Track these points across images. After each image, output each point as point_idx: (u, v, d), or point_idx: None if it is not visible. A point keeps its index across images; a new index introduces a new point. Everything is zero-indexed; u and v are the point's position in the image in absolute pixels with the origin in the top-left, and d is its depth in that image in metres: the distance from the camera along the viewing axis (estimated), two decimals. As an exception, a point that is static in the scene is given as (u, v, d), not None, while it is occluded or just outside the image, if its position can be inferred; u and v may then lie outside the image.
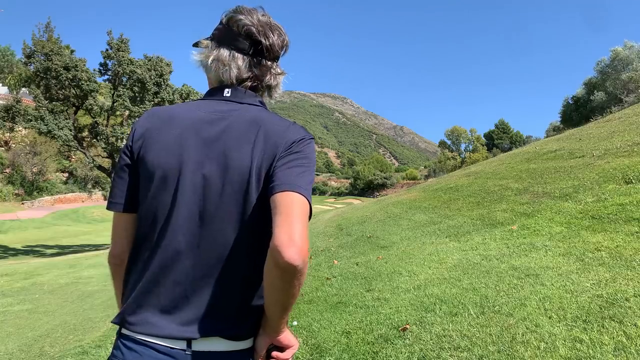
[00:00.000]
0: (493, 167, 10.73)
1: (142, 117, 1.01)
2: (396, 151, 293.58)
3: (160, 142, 0.94)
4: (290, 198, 0.82)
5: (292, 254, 0.76)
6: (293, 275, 0.78)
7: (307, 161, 0.91)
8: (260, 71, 1.00)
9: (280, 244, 0.77)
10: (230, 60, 0.98)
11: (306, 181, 0.87)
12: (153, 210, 0.93)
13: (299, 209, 0.82)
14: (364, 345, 2.70)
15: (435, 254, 4.73)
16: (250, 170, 0.89)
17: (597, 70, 30.06)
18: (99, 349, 3.58)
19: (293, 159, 0.90)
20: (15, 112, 16.09)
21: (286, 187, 0.84)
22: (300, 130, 0.97)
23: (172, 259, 0.90)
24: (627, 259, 3.21)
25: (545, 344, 2.22)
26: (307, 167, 0.91)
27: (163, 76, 17.95)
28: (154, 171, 0.92)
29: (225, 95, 0.98)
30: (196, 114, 0.96)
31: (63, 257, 14.28)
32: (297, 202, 0.82)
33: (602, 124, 11.21)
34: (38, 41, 16.25)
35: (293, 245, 0.77)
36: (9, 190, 34.23)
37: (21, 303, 6.63)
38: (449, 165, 58.10)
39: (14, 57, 45.57)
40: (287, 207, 0.81)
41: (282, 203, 0.82)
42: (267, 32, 0.98)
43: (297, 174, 0.87)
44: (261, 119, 0.95)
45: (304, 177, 0.87)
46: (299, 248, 0.77)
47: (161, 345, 0.88)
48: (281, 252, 0.76)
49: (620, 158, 6.46)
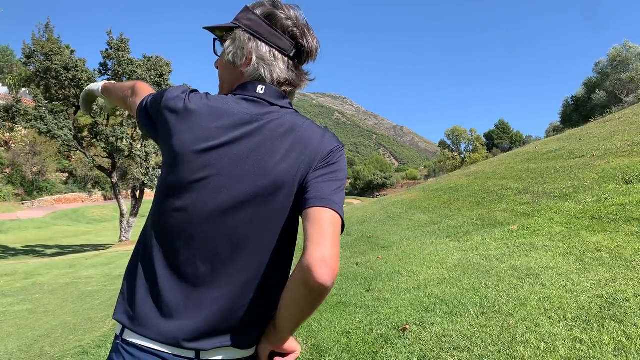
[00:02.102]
0: (493, 167, 10.74)
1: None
2: (396, 151, 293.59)
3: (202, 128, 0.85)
4: (326, 215, 0.79)
5: (324, 275, 0.73)
6: (320, 295, 0.76)
7: (342, 174, 0.88)
8: (297, 76, 0.94)
9: (313, 263, 0.73)
10: (271, 59, 0.91)
11: (341, 197, 0.84)
12: (173, 205, 0.87)
13: (333, 227, 0.78)
14: (364, 345, 2.69)
15: (435, 254, 4.73)
16: (283, 180, 0.84)
17: (596, 70, 30.06)
18: (99, 349, 3.57)
19: (330, 171, 0.86)
20: (15, 112, 16.10)
21: (323, 203, 0.80)
22: (335, 138, 0.92)
23: (184, 264, 0.84)
24: (627, 259, 3.21)
25: (545, 344, 2.22)
26: (342, 181, 0.87)
27: (163, 76, 17.98)
28: (182, 160, 0.85)
29: (259, 93, 0.89)
30: (237, 110, 0.88)
31: (63, 257, 14.27)
32: (332, 220, 0.79)
33: (602, 124, 11.21)
34: (38, 41, 16.27)
35: (326, 265, 0.73)
36: (9, 190, 34.22)
37: (21, 303, 6.63)
38: (449, 165, 58.12)
39: (14, 57, 45.57)
40: (323, 224, 0.78)
41: (318, 219, 0.78)
42: (307, 34, 0.93)
43: (333, 189, 0.83)
44: (297, 124, 0.88)
45: (339, 193, 0.84)
46: (332, 269, 0.74)
47: (169, 354, 0.82)
48: (313, 272, 0.73)
49: (620, 158, 6.46)
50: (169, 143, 0.86)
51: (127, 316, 0.86)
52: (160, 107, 0.90)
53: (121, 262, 10.83)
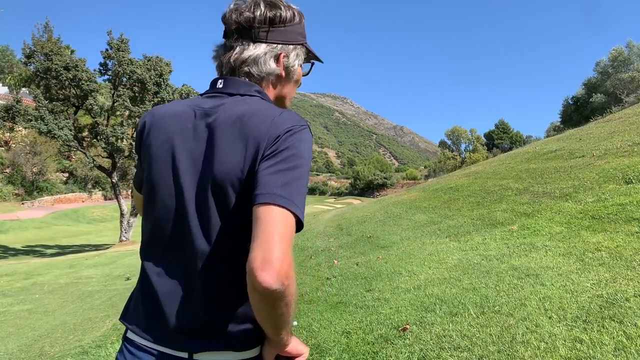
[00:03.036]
0: (493, 167, 10.74)
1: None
2: (396, 151, 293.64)
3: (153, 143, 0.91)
4: (270, 212, 0.72)
5: (267, 278, 0.68)
6: (272, 299, 0.70)
7: (295, 161, 0.78)
8: (240, 50, 0.93)
9: (254, 267, 0.69)
10: (220, 51, 0.98)
11: (294, 189, 0.75)
12: (150, 212, 0.91)
13: (279, 225, 0.71)
14: (364, 345, 2.69)
15: (435, 254, 4.73)
16: (229, 176, 0.80)
17: (596, 70, 30.02)
18: (99, 349, 3.57)
19: (278, 160, 0.77)
20: (15, 112, 16.10)
21: (267, 199, 0.73)
22: (289, 119, 0.83)
23: (166, 267, 0.87)
24: (627, 259, 3.21)
25: (545, 344, 2.22)
26: (296, 170, 0.78)
27: (163, 76, 17.97)
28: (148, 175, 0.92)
29: (219, 87, 0.92)
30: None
31: (63, 257, 14.28)
32: (277, 218, 0.72)
33: (602, 124, 11.21)
34: (38, 41, 16.27)
35: (269, 268, 0.68)
36: (9, 190, 34.23)
37: (21, 303, 6.63)
38: (449, 165, 58.11)
39: (14, 57, 45.57)
40: (266, 223, 0.71)
41: (261, 217, 0.72)
42: (227, 9, 0.95)
43: (282, 181, 0.75)
44: (244, 113, 0.84)
45: (291, 184, 0.76)
46: (276, 271, 0.68)
47: (164, 353, 0.85)
48: (256, 276, 0.68)
49: (620, 158, 6.46)
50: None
51: (127, 315, 0.92)
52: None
53: (121, 262, 10.83)
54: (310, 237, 8.35)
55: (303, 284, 4.74)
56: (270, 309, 0.73)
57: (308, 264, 5.83)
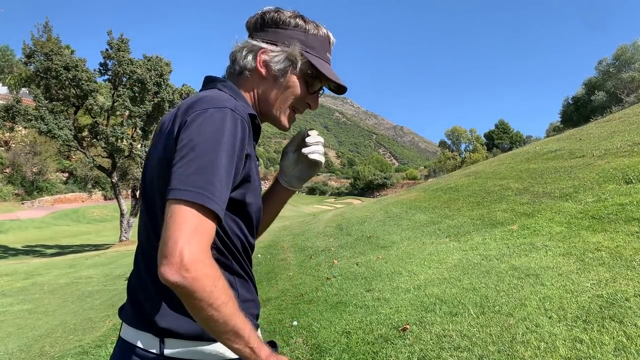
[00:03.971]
0: (493, 167, 10.73)
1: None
2: (396, 151, 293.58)
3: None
4: (168, 209, 0.72)
5: (167, 272, 0.67)
6: (182, 295, 0.69)
7: (192, 146, 0.75)
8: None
9: (158, 263, 0.69)
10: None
11: (197, 177, 0.73)
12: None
13: (178, 218, 0.70)
14: (364, 345, 2.69)
15: (435, 254, 4.73)
16: (152, 175, 0.87)
17: (598, 69, 29.95)
18: (99, 349, 3.58)
19: (179, 151, 0.76)
20: (15, 112, 16.10)
21: (169, 195, 0.73)
22: (192, 106, 0.80)
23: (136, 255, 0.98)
24: (627, 259, 3.21)
25: (545, 344, 2.22)
26: (195, 157, 0.74)
27: (163, 76, 17.97)
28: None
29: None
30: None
31: (63, 257, 14.28)
32: (172, 211, 0.71)
33: (603, 124, 11.21)
34: (38, 41, 16.27)
35: (168, 262, 0.68)
36: (9, 190, 34.22)
37: (21, 303, 6.63)
38: (449, 165, 58.09)
39: (14, 57, 45.55)
40: (167, 219, 0.71)
41: (166, 215, 0.72)
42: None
43: (184, 173, 0.73)
44: (173, 110, 0.87)
45: (194, 174, 0.73)
46: (175, 265, 0.67)
47: (130, 344, 0.86)
48: (159, 271, 0.68)
49: (620, 158, 6.46)
50: None
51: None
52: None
53: (121, 262, 10.83)
54: (310, 237, 8.35)
55: (303, 284, 4.74)
56: (190, 309, 0.71)
57: (308, 264, 5.83)
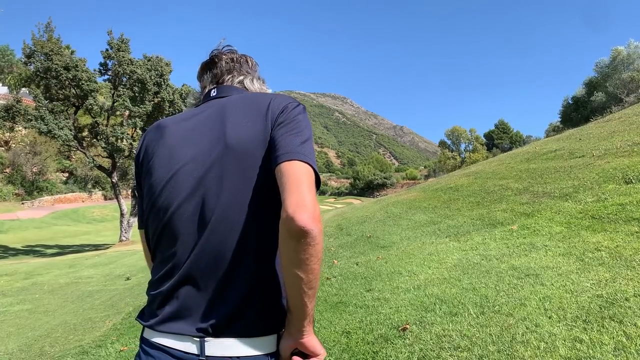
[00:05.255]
0: (493, 167, 10.73)
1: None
2: (396, 151, 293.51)
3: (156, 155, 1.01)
4: (297, 166, 0.81)
5: (305, 218, 0.74)
6: (308, 242, 0.75)
7: (303, 126, 0.91)
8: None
9: (292, 211, 0.74)
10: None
11: (308, 148, 0.86)
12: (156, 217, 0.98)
13: (306, 177, 0.80)
14: (364, 345, 2.69)
15: (435, 254, 4.73)
16: (250, 144, 0.88)
17: (597, 70, 29.97)
18: (99, 349, 3.57)
19: (291, 126, 0.89)
20: (16, 112, 16.11)
21: (291, 157, 0.82)
22: (281, 97, 0.97)
23: (178, 261, 0.88)
24: (627, 259, 3.21)
25: (545, 344, 2.22)
26: (306, 133, 0.90)
27: (163, 76, 17.98)
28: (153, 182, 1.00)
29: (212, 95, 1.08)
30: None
31: (63, 257, 14.28)
32: (303, 170, 0.81)
33: (602, 124, 11.21)
34: (38, 41, 16.27)
35: (305, 210, 0.74)
36: (9, 190, 34.22)
37: (21, 303, 6.63)
38: (449, 165, 58.10)
39: (14, 57, 45.54)
40: (294, 175, 0.80)
41: (288, 171, 0.80)
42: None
43: (300, 140, 0.86)
44: (241, 97, 1.01)
45: (305, 145, 0.86)
46: (311, 212, 0.75)
47: (176, 350, 0.84)
48: (294, 218, 0.74)
49: (620, 158, 6.46)
50: None
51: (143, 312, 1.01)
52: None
53: (121, 262, 10.84)
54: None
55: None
56: (305, 258, 0.76)
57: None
